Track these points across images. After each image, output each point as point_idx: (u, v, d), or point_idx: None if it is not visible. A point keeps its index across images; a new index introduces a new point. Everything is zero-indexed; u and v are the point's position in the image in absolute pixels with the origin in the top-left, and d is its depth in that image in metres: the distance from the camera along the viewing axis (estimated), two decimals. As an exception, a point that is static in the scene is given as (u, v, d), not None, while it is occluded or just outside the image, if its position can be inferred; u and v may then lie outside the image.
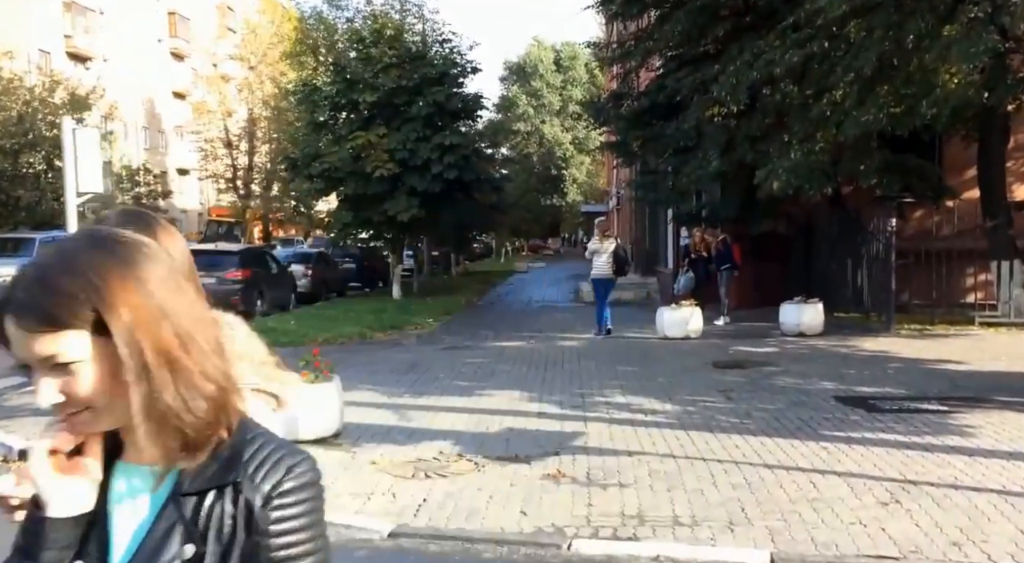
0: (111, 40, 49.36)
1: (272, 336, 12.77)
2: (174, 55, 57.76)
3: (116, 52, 49.82)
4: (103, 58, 48.96)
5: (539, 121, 70.50)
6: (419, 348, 11.59)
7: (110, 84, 49.09)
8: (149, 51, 53.98)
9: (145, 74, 52.84)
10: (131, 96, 51.35)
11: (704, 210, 14.60)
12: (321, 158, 19.09)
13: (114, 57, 49.58)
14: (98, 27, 48.40)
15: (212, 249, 17.95)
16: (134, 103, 51.92)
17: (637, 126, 15.18)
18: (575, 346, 11.38)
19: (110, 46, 49.24)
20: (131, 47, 51.41)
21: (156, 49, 55.34)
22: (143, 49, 53.01)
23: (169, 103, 56.49)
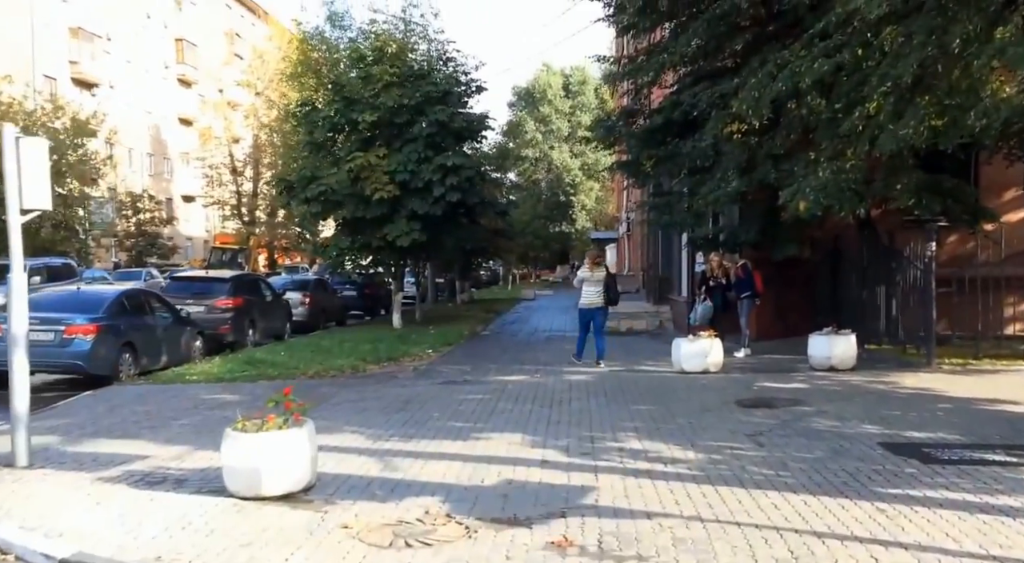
0: (118, 66, 49.23)
1: (260, 368, 11.93)
2: (181, 81, 57.68)
3: (122, 78, 49.66)
4: (109, 84, 48.83)
5: (547, 147, 70.09)
6: (415, 382, 10.66)
7: (116, 110, 48.97)
8: (156, 77, 53.88)
9: (151, 100, 52.70)
10: (137, 122, 51.14)
11: (722, 234, 13.70)
12: (318, 180, 18.32)
13: (120, 83, 49.42)
14: (104, 53, 48.27)
15: (202, 276, 17.15)
16: (140, 129, 51.70)
17: (650, 144, 14.33)
18: (584, 380, 10.43)
19: (116, 72, 49.10)
20: (138, 73, 51.28)
21: (163, 75, 55.26)
22: (150, 75, 52.91)
23: (175, 129, 56.32)
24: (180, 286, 16.14)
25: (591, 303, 11.92)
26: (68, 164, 33.07)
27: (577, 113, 72.23)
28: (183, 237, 57.49)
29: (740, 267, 12.83)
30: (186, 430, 7.83)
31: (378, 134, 19.36)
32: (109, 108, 47.79)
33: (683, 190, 14.51)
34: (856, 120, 10.28)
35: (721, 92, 12.17)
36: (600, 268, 12.18)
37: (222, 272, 17.51)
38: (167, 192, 56.37)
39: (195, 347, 13.74)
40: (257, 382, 10.76)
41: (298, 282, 22.29)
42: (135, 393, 10.22)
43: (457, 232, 20.43)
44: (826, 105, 11.09)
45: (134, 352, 11.87)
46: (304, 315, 20.62)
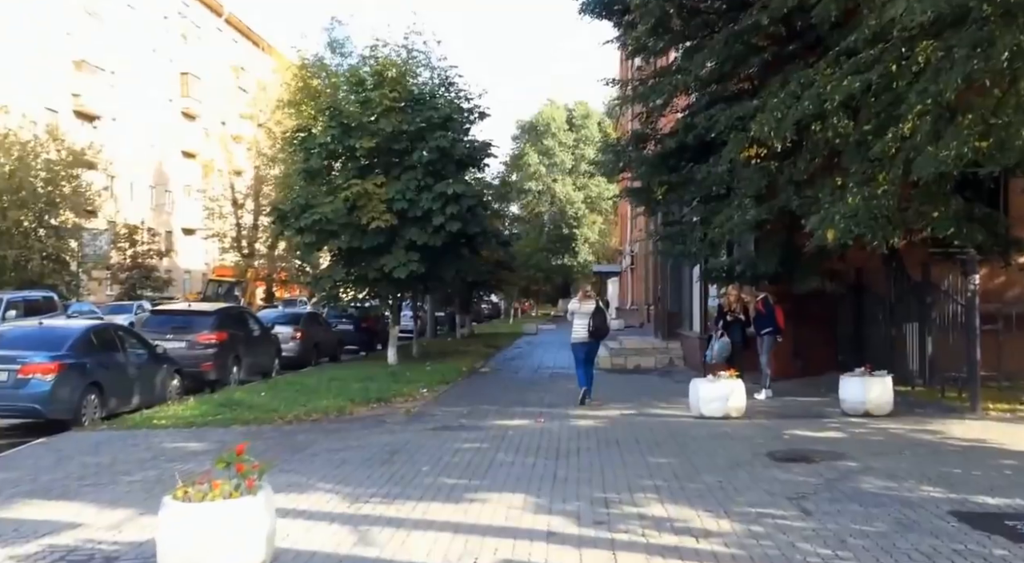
0: (121, 99, 48.82)
1: (235, 411, 10.85)
2: (185, 115, 57.28)
3: (126, 111, 49.21)
4: (112, 117, 48.41)
5: (551, 180, 69.65)
6: (405, 427, 9.62)
7: (118, 143, 48.47)
8: (160, 111, 53.47)
9: (155, 133, 52.22)
10: (140, 155, 50.60)
11: (739, 265, 12.74)
12: (312, 209, 17.43)
13: (123, 116, 48.96)
14: (109, 87, 47.93)
15: (183, 309, 16.17)
16: (142, 162, 51.16)
17: (662, 170, 13.45)
18: (593, 427, 9.39)
19: (120, 105, 48.67)
20: (141, 106, 50.86)
21: (167, 109, 54.88)
22: (154, 109, 52.50)
23: (178, 162, 55.80)
24: (160, 320, 15.14)
25: (579, 338, 11.57)
26: (62, 195, 32.31)
27: (580, 146, 72.05)
28: (181, 270, 56.67)
29: (761, 301, 11.86)
30: (135, 489, 6.80)
31: (376, 161, 18.54)
32: (112, 141, 47.41)
33: (696, 219, 13.60)
34: (889, 142, 9.40)
35: (740, 114, 11.32)
36: (590, 301, 11.76)
37: (205, 305, 16.51)
38: (167, 225, 55.68)
39: (172, 386, 12.74)
40: (230, 427, 9.74)
41: (289, 316, 21.28)
42: (92, 441, 9.19)
43: (457, 263, 19.50)
44: (854, 127, 10.23)
45: (100, 393, 10.86)
46: (295, 351, 19.59)
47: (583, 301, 11.72)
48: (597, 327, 11.48)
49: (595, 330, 11.48)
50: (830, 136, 10.41)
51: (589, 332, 11.46)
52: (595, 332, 11.51)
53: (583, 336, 11.53)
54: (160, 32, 53.28)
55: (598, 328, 11.50)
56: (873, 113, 10.05)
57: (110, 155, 47.32)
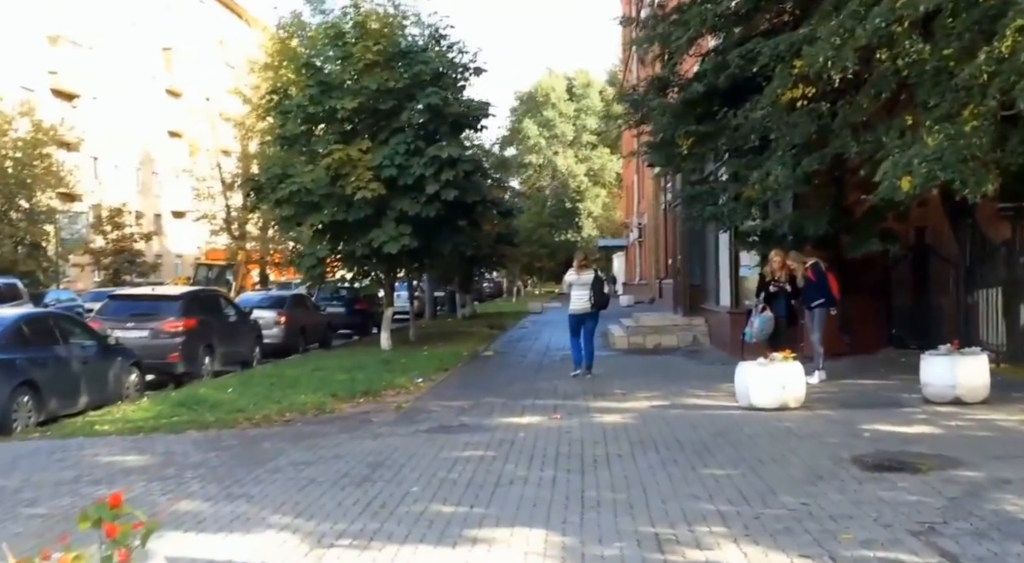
0: (101, 76, 46.76)
1: (195, 412, 8.83)
2: (169, 93, 55.13)
3: (107, 89, 47.18)
4: (92, 96, 46.47)
5: (552, 152, 67.67)
6: (394, 429, 7.92)
7: (100, 122, 46.51)
8: (143, 88, 51.37)
9: (138, 112, 50.17)
10: (123, 135, 48.64)
11: (781, 227, 10.98)
12: (290, 179, 15.65)
13: (104, 94, 46.94)
14: (86, 63, 45.91)
15: (146, 294, 14.39)
16: (126, 142, 49.22)
17: (687, 119, 11.63)
18: (622, 424, 7.68)
19: (100, 83, 46.62)
20: (123, 84, 48.78)
21: (150, 86, 52.77)
22: (136, 86, 50.42)
23: (164, 142, 53.80)
24: (119, 307, 13.40)
25: (579, 308, 11.22)
26: (34, 175, 30.46)
27: (582, 117, 70.02)
28: (172, 254, 55.03)
29: (810, 268, 10.10)
30: (32, 527, 5.13)
31: (360, 124, 16.76)
32: (93, 120, 45.45)
33: (728, 175, 11.83)
34: (981, 66, 7.62)
35: (786, 44, 9.50)
36: (587, 270, 11.45)
37: (171, 288, 14.80)
38: (156, 208, 53.92)
39: (129, 382, 11.06)
40: (184, 433, 8.05)
41: (273, 299, 19.56)
42: (12, 455, 7.50)
43: (454, 237, 17.74)
44: (931, 51, 8.44)
45: (36, 394, 9.18)
46: (279, 336, 17.91)
47: (581, 271, 11.31)
48: (598, 297, 11.10)
49: (596, 299, 11.08)
50: (900, 64, 8.64)
51: (591, 303, 11.08)
52: (596, 302, 11.11)
53: (584, 307, 11.15)
54: (140, 5, 51.03)
55: (598, 299, 11.11)
56: (955, 33, 8.27)
57: (92, 135, 45.48)
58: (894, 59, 8.56)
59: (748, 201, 11.35)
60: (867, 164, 9.83)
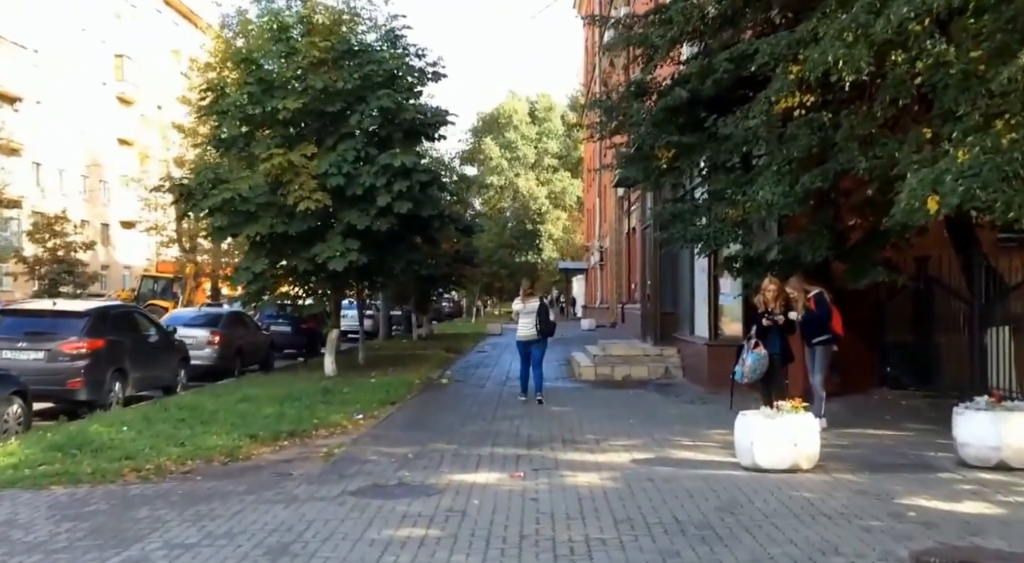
0: (46, 80, 44.50)
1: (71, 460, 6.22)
2: (120, 100, 52.97)
3: (52, 94, 44.93)
4: (36, 100, 44.17)
5: (513, 174, 66.73)
6: (315, 488, 6.34)
7: (44, 128, 44.14)
8: (92, 95, 49.15)
9: (86, 119, 47.93)
10: (69, 142, 46.35)
11: (773, 252, 9.72)
12: (224, 185, 14.03)
13: (49, 99, 44.67)
14: (30, 66, 43.62)
15: (43, 309, 12.53)
16: (72, 149, 46.91)
17: (669, 129, 10.35)
18: (600, 488, 6.21)
19: (45, 87, 44.36)
20: (70, 89, 46.55)
21: (100, 93, 50.55)
22: (85, 93, 48.19)
23: (114, 151, 51.53)
24: (10, 324, 11.49)
25: (526, 335, 11.57)
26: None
27: (543, 139, 69.44)
28: (120, 265, 52.64)
29: (813, 298, 8.84)
30: None
31: (305, 128, 15.22)
32: (36, 125, 43.19)
33: (712, 192, 10.56)
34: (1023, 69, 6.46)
35: (788, 41, 8.29)
36: (533, 299, 11.78)
37: (75, 304, 12.99)
38: (103, 217, 51.59)
39: (9, 415, 9.26)
40: (46, 489, 6.36)
41: (207, 316, 17.77)
42: None
43: (409, 254, 16.24)
44: (956, 52, 7.29)
45: None
46: (211, 358, 16.13)
47: (526, 300, 11.68)
48: (543, 325, 11.44)
49: (542, 328, 11.43)
50: (921, 66, 7.47)
51: (538, 330, 11.39)
52: (542, 329, 11.43)
53: (530, 333, 11.45)
54: (90, 10, 48.96)
55: (543, 326, 11.43)
56: (984, 32, 7.14)
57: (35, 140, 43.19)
58: (912, 61, 7.40)
59: (735, 222, 10.10)
60: (875, 182, 8.70)
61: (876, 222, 9.73)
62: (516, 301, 12.09)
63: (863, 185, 9.28)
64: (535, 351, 11.54)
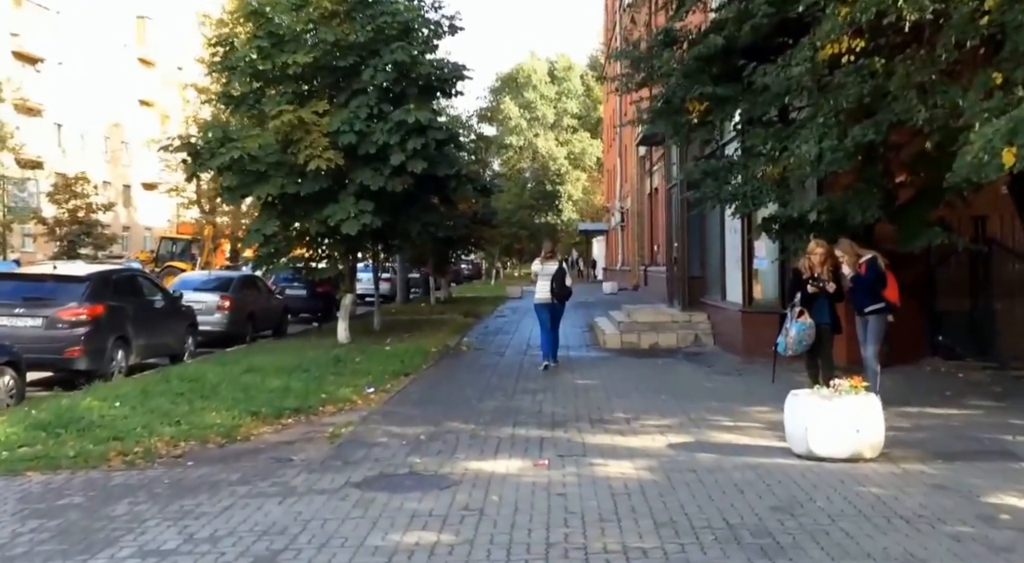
0: (68, 41, 43.96)
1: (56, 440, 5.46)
2: (142, 62, 52.43)
3: (74, 55, 44.42)
4: (58, 61, 43.64)
5: (532, 135, 65.57)
6: (315, 479, 5.70)
7: (66, 89, 43.64)
8: (113, 56, 48.62)
9: (108, 81, 47.49)
10: (91, 103, 45.93)
11: (815, 213, 8.88)
12: (232, 143, 13.33)
13: (71, 60, 44.18)
14: (53, 27, 43.03)
15: (41, 274, 11.96)
16: (94, 111, 46.51)
17: (702, 79, 9.46)
18: (636, 480, 5.50)
19: (67, 48, 43.84)
20: (92, 50, 46.03)
21: (122, 54, 49.99)
22: (106, 53, 47.65)
23: (136, 113, 51.16)
24: (8, 289, 10.93)
25: (542, 298, 11.35)
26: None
27: (563, 100, 68.10)
28: (141, 227, 52.66)
29: (866, 263, 8.02)
30: None
31: (317, 84, 14.45)
32: (58, 86, 42.78)
33: (748, 147, 9.71)
34: None
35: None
36: (552, 261, 11.55)
37: (76, 268, 12.42)
38: (125, 178, 51.57)
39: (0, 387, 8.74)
40: (22, 476, 5.77)
41: (218, 280, 17.23)
42: None
43: (425, 216, 15.55)
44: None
45: None
46: (222, 323, 15.62)
47: (545, 262, 11.49)
48: (558, 288, 11.16)
49: (557, 291, 11.14)
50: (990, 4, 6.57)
51: (552, 293, 11.15)
52: (557, 293, 11.18)
53: (546, 297, 11.25)
54: (114, -29, 48.28)
55: (559, 289, 11.17)
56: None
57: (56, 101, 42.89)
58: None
59: (773, 180, 9.25)
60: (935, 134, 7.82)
61: (930, 179, 8.90)
62: (535, 262, 11.88)
63: (917, 137, 8.43)
64: (552, 314, 11.36)
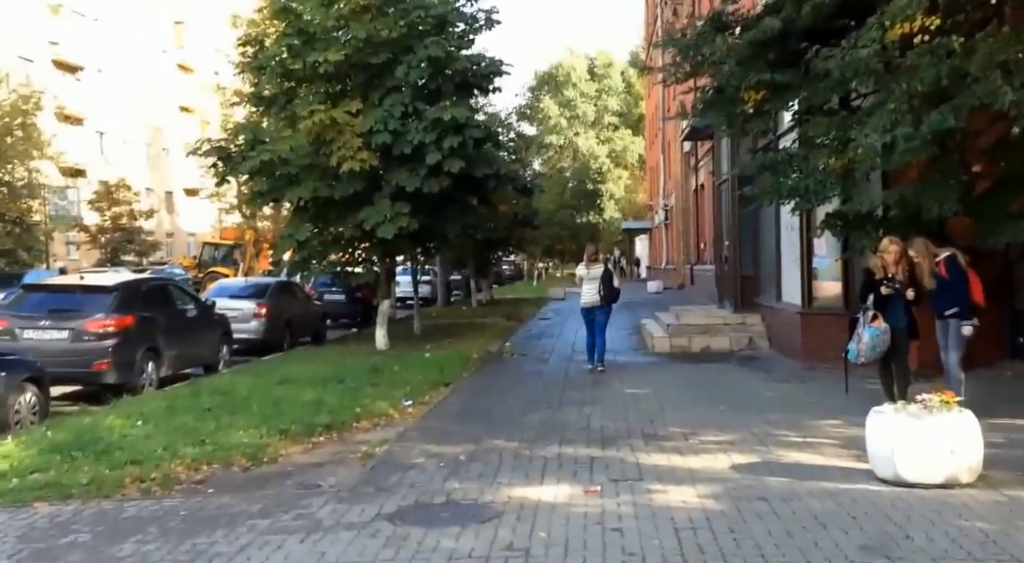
0: (107, 49, 44.51)
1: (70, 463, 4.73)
2: (181, 68, 52.99)
3: (113, 62, 44.98)
4: (97, 69, 44.27)
5: (573, 133, 64.77)
6: (344, 512, 5.17)
7: (106, 96, 44.23)
8: (152, 62, 49.18)
9: (148, 87, 47.99)
10: (131, 110, 46.49)
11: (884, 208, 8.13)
12: (263, 145, 12.98)
13: (111, 68, 44.72)
14: (91, 34, 43.61)
15: (70, 284, 11.71)
16: (135, 118, 47.08)
17: (758, 65, 8.78)
18: (702, 510, 4.89)
19: (106, 55, 44.39)
20: (131, 57, 46.59)
21: (160, 60, 50.58)
22: (145, 60, 48.21)
23: (176, 118, 51.74)
24: (35, 301, 10.69)
25: (589, 302, 11.31)
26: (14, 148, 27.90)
27: (603, 97, 67.09)
28: (184, 233, 53.28)
29: (944, 262, 7.28)
30: None
31: (349, 83, 14.02)
32: (99, 94, 43.34)
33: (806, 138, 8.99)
34: None
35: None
36: (597, 264, 11.49)
37: (104, 277, 12.17)
38: (167, 185, 52.15)
39: (21, 404, 8.39)
40: (28, 507, 5.36)
41: (254, 287, 16.95)
42: None
43: (463, 217, 15.04)
44: None
45: None
46: (259, 331, 15.31)
47: (590, 265, 11.40)
48: (607, 291, 11.11)
49: (605, 294, 11.09)
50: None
51: (600, 296, 11.09)
52: (605, 296, 11.12)
53: (593, 300, 11.20)
54: (149, -24, 48.85)
55: (607, 292, 11.12)
56: None
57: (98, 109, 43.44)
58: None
59: (838, 173, 8.51)
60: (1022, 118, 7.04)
61: (1011, 167, 8.13)
62: (580, 266, 11.82)
63: (997, 123, 7.67)
64: (599, 318, 11.26)
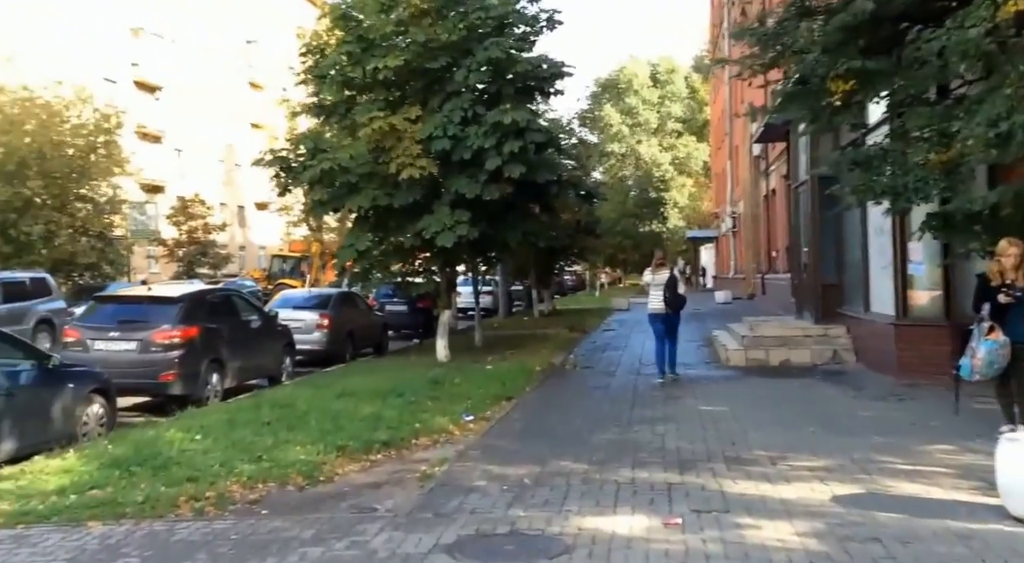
0: (184, 69, 45.95)
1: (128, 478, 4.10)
2: (252, 85, 54.33)
3: (189, 82, 46.39)
4: (175, 88, 45.70)
5: (635, 141, 63.84)
6: (399, 541, 4.73)
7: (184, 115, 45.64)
8: (226, 80, 50.58)
9: (222, 105, 49.37)
10: (207, 128, 47.86)
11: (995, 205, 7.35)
12: (323, 154, 12.79)
13: (187, 87, 46.12)
14: (169, 55, 45.08)
15: (137, 296, 11.64)
16: (211, 135, 48.45)
17: (848, 53, 8.09)
18: (803, 550, 4.28)
19: (183, 75, 45.81)
20: (206, 76, 48.01)
21: (233, 79, 51.97)
22: (219, 78, 49.62)
23: (247, 134, 52.99)
24: (105, 313, 10.69)
25: (655, 308, 11.18)
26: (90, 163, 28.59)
27: (666, 103, 66.00)
28: (255, 246, 54.50)
29: (1068, 267, 6.47)
30: None
31: (409, 89, 13.75)
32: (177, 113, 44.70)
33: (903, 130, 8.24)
34: None
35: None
36: (663, 270, 11.32)
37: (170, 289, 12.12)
38: (239, 199, 53.48)
39: (89, 416, 8.25)
40: (82, 526, 5.10)
41: (317, 298, 16.81)
42: None
43: (524, 224, 14.60)
44: None
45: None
46: (321, 342, 15.13)
47: (657, 271, 11.28)
48: (671, 297, 10.98)
49: (669, 300, 10.95)
50: None
51: (665, 302, 10.97)
52: (670, 302, 10.97)
53: (659, 307, 11.08)
54: (222, 0, 50.45)
55: (672, 298, 10.97)
56: None
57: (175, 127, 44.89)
58: None
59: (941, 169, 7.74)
60: None
61: None
62: (647, 272, 11.67)
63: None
64: (666, 324, 11.08)
